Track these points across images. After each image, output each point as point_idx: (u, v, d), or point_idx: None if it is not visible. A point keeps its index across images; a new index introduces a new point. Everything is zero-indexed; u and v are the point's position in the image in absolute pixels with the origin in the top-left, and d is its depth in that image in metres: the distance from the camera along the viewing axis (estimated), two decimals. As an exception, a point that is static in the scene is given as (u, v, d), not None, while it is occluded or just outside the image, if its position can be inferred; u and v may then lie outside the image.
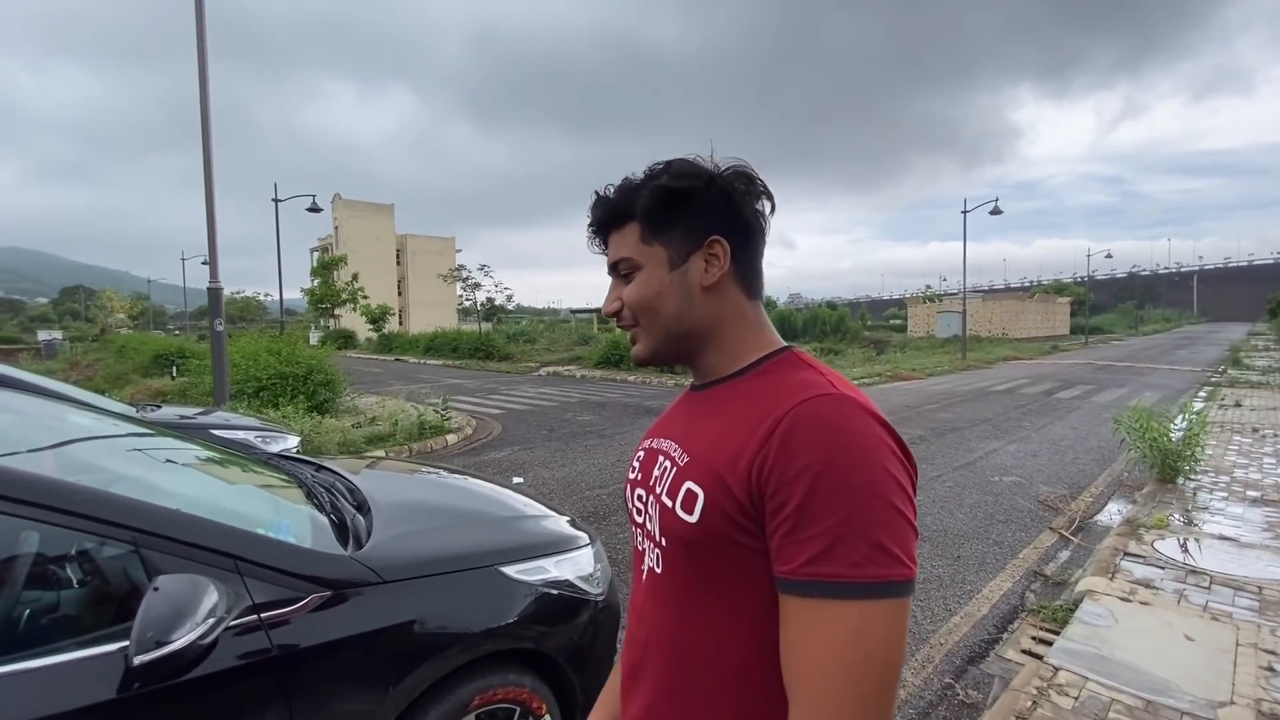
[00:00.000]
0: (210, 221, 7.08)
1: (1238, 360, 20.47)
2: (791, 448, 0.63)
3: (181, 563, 1.31)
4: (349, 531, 1.81)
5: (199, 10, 6.83)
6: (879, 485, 0.62)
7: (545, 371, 19.76)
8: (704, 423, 0.77)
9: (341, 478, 2.34)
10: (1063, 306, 52.29)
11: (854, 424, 0.64)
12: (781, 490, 0.63)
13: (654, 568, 0.78)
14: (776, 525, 0.64)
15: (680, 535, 0.72)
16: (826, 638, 0.59)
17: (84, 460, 1.83)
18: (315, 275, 38.17)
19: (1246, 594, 3.52)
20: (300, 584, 1.46)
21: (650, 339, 0.81)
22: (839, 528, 0.60)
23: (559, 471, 6.72)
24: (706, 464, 0.72)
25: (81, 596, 1.32)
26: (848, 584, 0.59)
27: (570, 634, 1.98)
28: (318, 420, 8.15)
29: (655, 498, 0.78)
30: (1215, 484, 5.91)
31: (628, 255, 0.79)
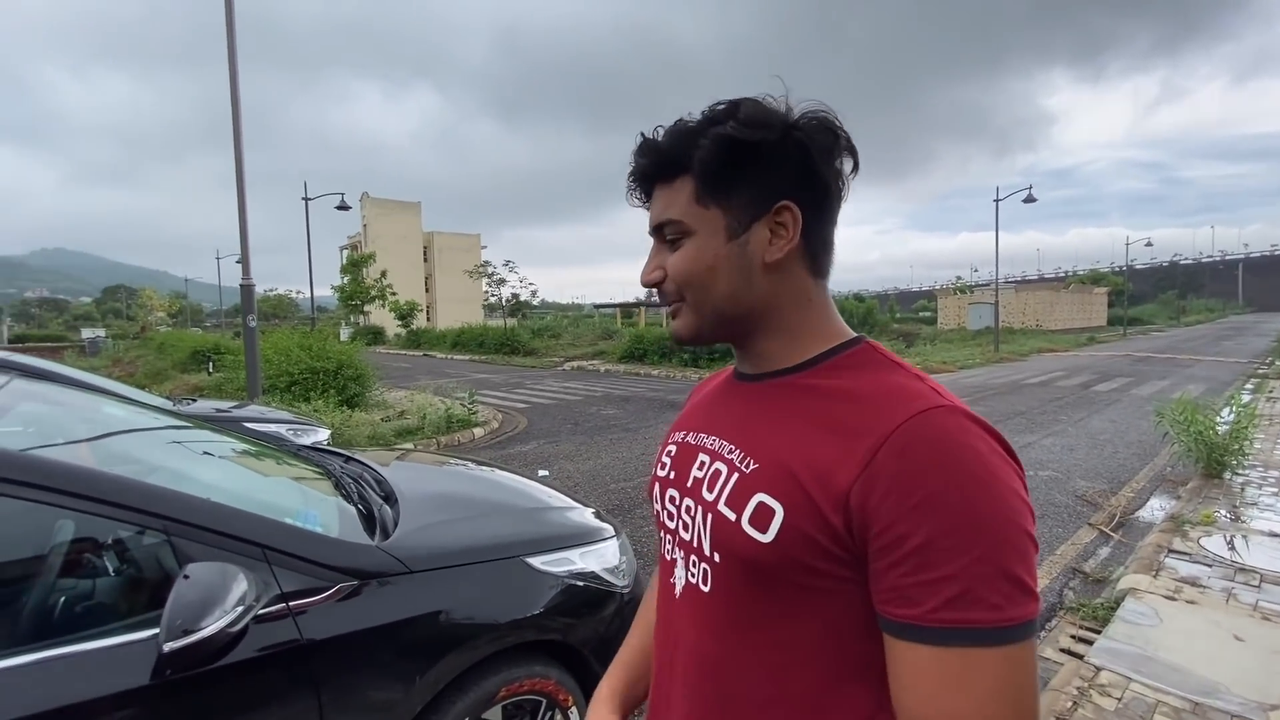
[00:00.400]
0: (242, 221, 7.24)
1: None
2: (910, 473, 0.54)
3: (212, 551, 1.32)
4: (376, 522, 1.81)
5: (229, 17, 6.96)
6: (1012, 513, 0.54)
7: (569, 366, 19.85)
8: (769, 423, 0.66)
9: (369, 469, 2.36)
10: (1100, 297, 50.74)
11: (977, 445, 0.55)
12: (900, 523, 0.54)
13: (697, 584, 0.68)
14: (892, 562, 0.54)
15: (745, 555, 0.61)
16: (972, 690, 0.52)
17: (121, 452, 1.87)
18: (345, 273, 38.87)
19: (1301, 594, 3.37)
20: (327, 573, 1.47)
21: (695, 318, 0.68)
22: (976, 566, 0.52)
23: (584, 465, 6.74)
24: (785, 476, 0.60)
25: (115, 584, 1.35)
26: (993, 630, 0.52)
27: (596, 626, 1.97)
28: (348, 414, 8.30)
29: (703, 505, 0.68)
30: (1265, 479, 5.66)
31: (676, 218, 0.66)
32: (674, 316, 0.71)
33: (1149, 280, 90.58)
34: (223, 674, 1.26)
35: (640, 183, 0.70)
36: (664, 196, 0.68)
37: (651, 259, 0.70)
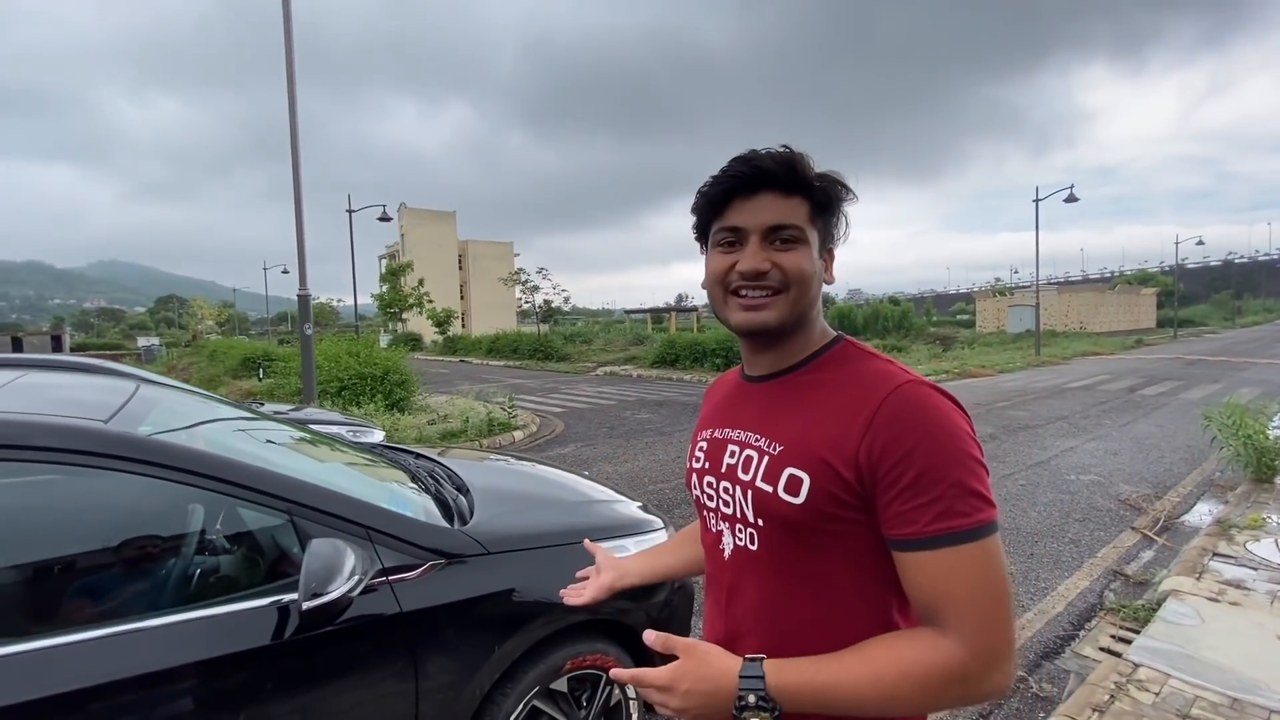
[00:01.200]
0: (299, 234, 7.65)
1: (1353, 353, 18.72)
2: (897, 432, 0.75)
3: (326, 530, 1.53)
4: (452, 509, 2.01)
5: (288, 39, 7.39)
6: (968, 448, 0.76)
7: (602, 371, 20.10)
8: (786, 414, 0.86)
9: (440, 464, 2.57)
10: (1148, 298, 48.98)
11: (938, 404, 0.78)
12: (896, 468, 0.75)
13: (745, 546, 0.88)
14: (893, 497, 0.75)
15: (783, 515, 0.82)
16: (971, 571, 0.73)
17: (237, 445, 2.11)
18: (384, 281, 40.00)
19: (1352, 597, 3.33)
20: (420, 552, 1.67)
21: (789, 309, 0.84)
22: (952, 489, 0.74)
23: (621, 467, 6.91)
24: (806, 451, 0.81)
25: (250, 556, 1.57)
26: (971, 530, 0.73)
27: (649, 609, 2.13)
28: (395, 417, 8.65)
29: (740, 484, 0.87)
30: (1321, 485, 5.52)
31: (800, 225, 0.83)
32: (759, 308, 0.84)
33: (1201, 280, 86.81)
34: (341, 635, 1.46)
35: (749, 183, 0.83)
36: (780, 205, 0.83)
37: (759, 252, 0.83)
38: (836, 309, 32.77)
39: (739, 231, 0.84)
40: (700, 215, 0.89)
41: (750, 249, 0.83)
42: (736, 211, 0.84)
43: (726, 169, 0.84)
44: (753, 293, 0.84)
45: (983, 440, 7.92)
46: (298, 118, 7.47)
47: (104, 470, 1.32)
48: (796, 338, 0.88)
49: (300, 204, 7.58)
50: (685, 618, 2.32)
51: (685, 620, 2.33)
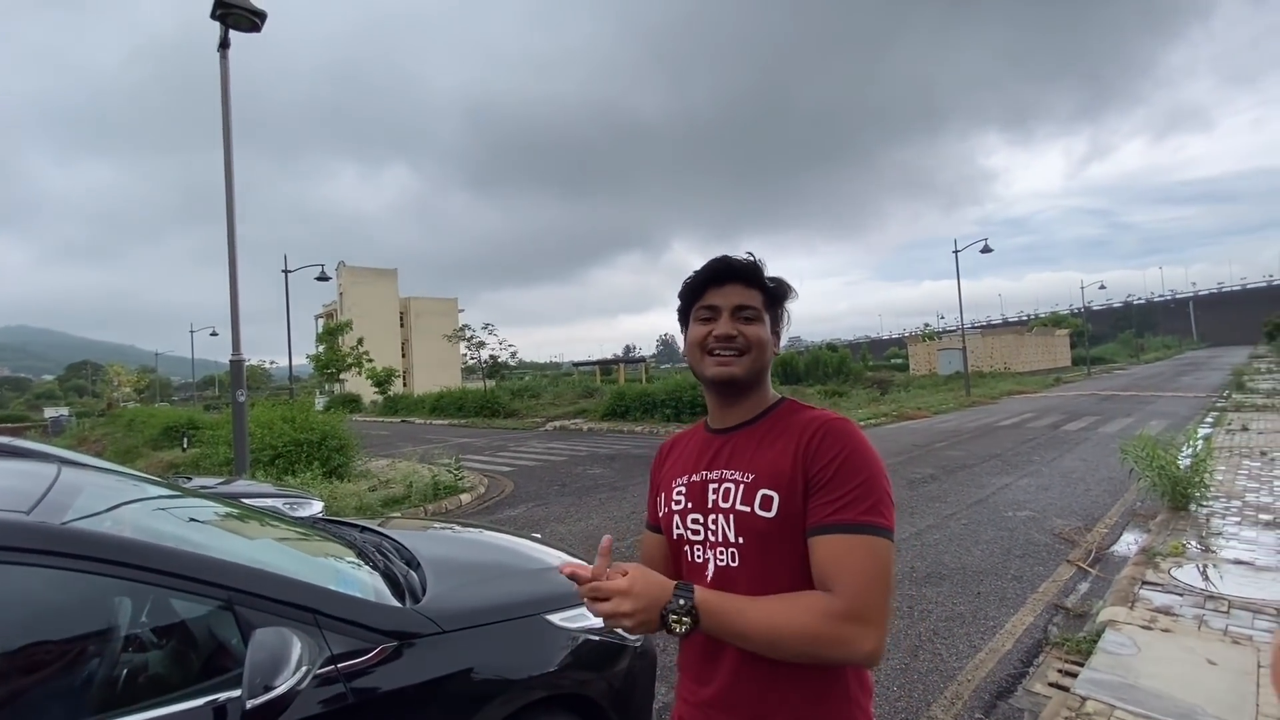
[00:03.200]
0: (233, 297, 7.38)
1: (1241, 384, 20.52)
2: (825, 444, 1.02)
3: (269, 618, 1.45)
4: (403, 586, 1.93)
5: (225, 107, 7.32)
6: (879, 469, 1.01)
7: (552, 426, 19.84)
8: (754, 452, 1.09)
9: (387, 537, 2.47)
10: (1062, 339, 52.60)
11: (856, 431, 1.04)
12: (822, 471, 1.00)
13: (727, 565, 1.06)
14: (815, 492, 1.00)
15: (760, 529, 1.02)
16: (859, 553, 0.95)
17: (144, 524, 1.97)
18: (321, 341, 38.70)
19: (1265, 616, 3.57)
20: (371, 635, 1.59)
21: (750, 366, 1.10)
22: (858, 489, 0.98)
23: (575, 526, 6.77)
24: (773, 475, 1.04)
25: (186, 651, 1.45)
26: (866, 524, 0.96)
27: (611, 679, 2.08)
28: (334, 485, 8.24)
29: (722, 512, 1.07)
30: (1228, 509, 5.95)
31: (758, 307, 1.12)
32: (727, 364, 1.10)
33: (1106, 320, 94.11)
34: (285, 732, 1.36)
35: (727, 275, 1.12)
36: (743, 292, 1.12)
37: (728, 322, 1.10)
38: (780, 357, 33.69)
39: (714, 309, 1.12)
40: (684, 299, 1.17)
41: (723, 320, 1.11)
42: (712, 295, 1.12)
43: (707, 265, 1.14)
44: (723, 352, 1.10)
45: (923, 481, 8.23)
46: (234, 179, 7.33)
47: (25, 566, 1.22)
48: (755, 393, 1.14)
49: (234, 266, 7.35)
50: (648, 685, 2.26)
51: (649, 687, 2.27)
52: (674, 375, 24.99)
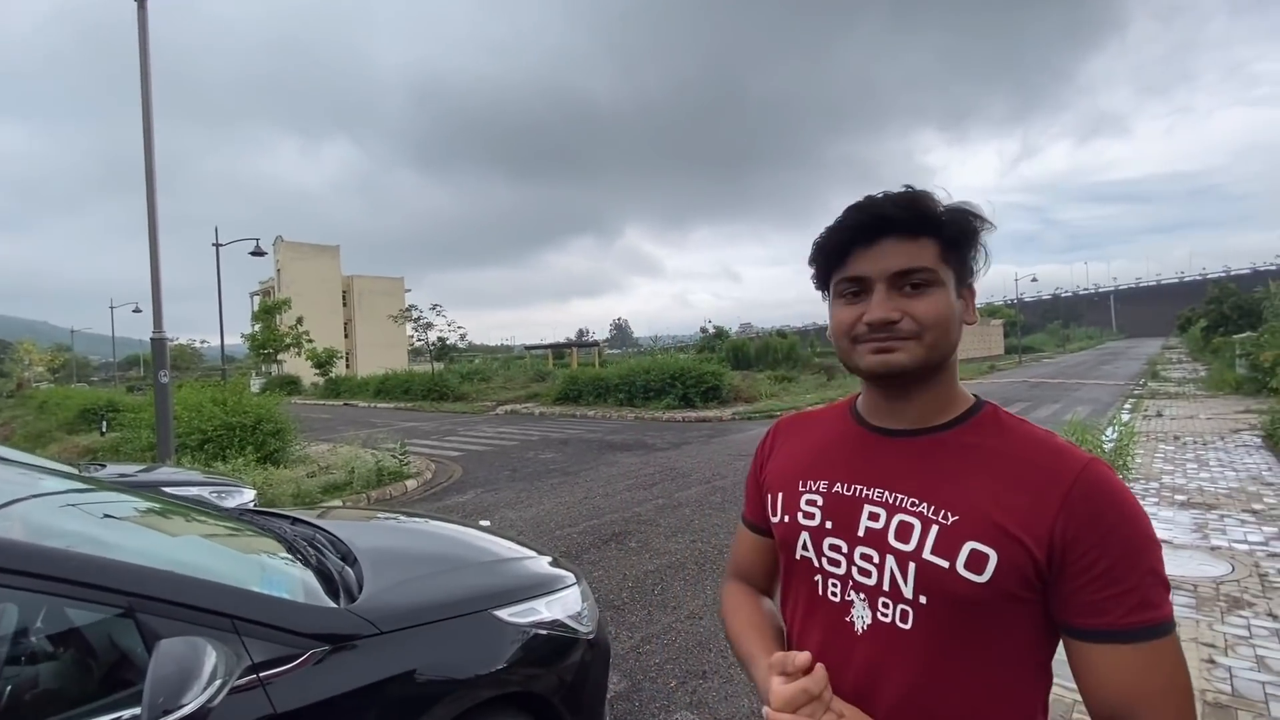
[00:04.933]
0: (154, 270, 6.85)
1: (1155, 373, 21.97)
2: (1095, 512, 0.71)
3: (179, 626, 1.29)
4: (338, 584, 1.79)
5: (143, 60, 6.73)
6: (1154, 534, 0.72)
7: (502, 410, 19.50)
8: (953, 479, 0.77)
9: (321, 529, 2.30)
10: (997, 328, 55.12)
11: (1124, 487, 0.74)
12: (1091, 551, 0.70)
13: (892, 623, 0.78)
14: (1085, 582, 0.70)
15: (960, 595, 0.73)
16: (1163, 669, 0.69)
17: (43, 523, 1.76)
18: (257, 320, 36.82)
19: (1184, 593, 3.78)
20: (299, 640, 1.45)
21: (924, 353, 0.78)
22: (1146, 578, 0.70)
23: (526, 512, 6.64)
24: (989, 525, 0.73)
25: (79, 667, 1.28)
26: (1164, 624, 0.70)
27: (562, 674, 2.00)
28: (269, 471, 7.84)
29: (895, 553, 0.78)
30: (1147, 490, 6.31)
31: (931, 266, 0.77)
32: (890, 350, 0.78)
33: (1037, 312, 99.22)
34: (196, 754, 1.22)
35: (867, 232, 0.78)
36: (905, 249, 0.78)
37: (886, 301, 0.78)
38: (731, 342, 34.06)
39: (862, 281, 0.79)
40: (818, 267, 0.85)
41: (877, 298, 0.78)
42: (857, 261, 0.79)
43: (842, 219, 0.80)
44: (885, 340, 0.78)
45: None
46: (154, 142, 6.77)
47: None
48: (940, 388, 0.82)
49: (155, 236, 6.81)
50: (601, 676, 2.19)
51: (601, 678, 2.20)
52: (627, 359, 24.94)
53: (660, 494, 7.19)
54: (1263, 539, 4.70)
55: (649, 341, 53.22)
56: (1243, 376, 14.79)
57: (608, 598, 4.21)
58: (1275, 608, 3.52)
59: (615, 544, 5.39)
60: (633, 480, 8.02)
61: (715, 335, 38.09)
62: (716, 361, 20.33)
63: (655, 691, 3.06)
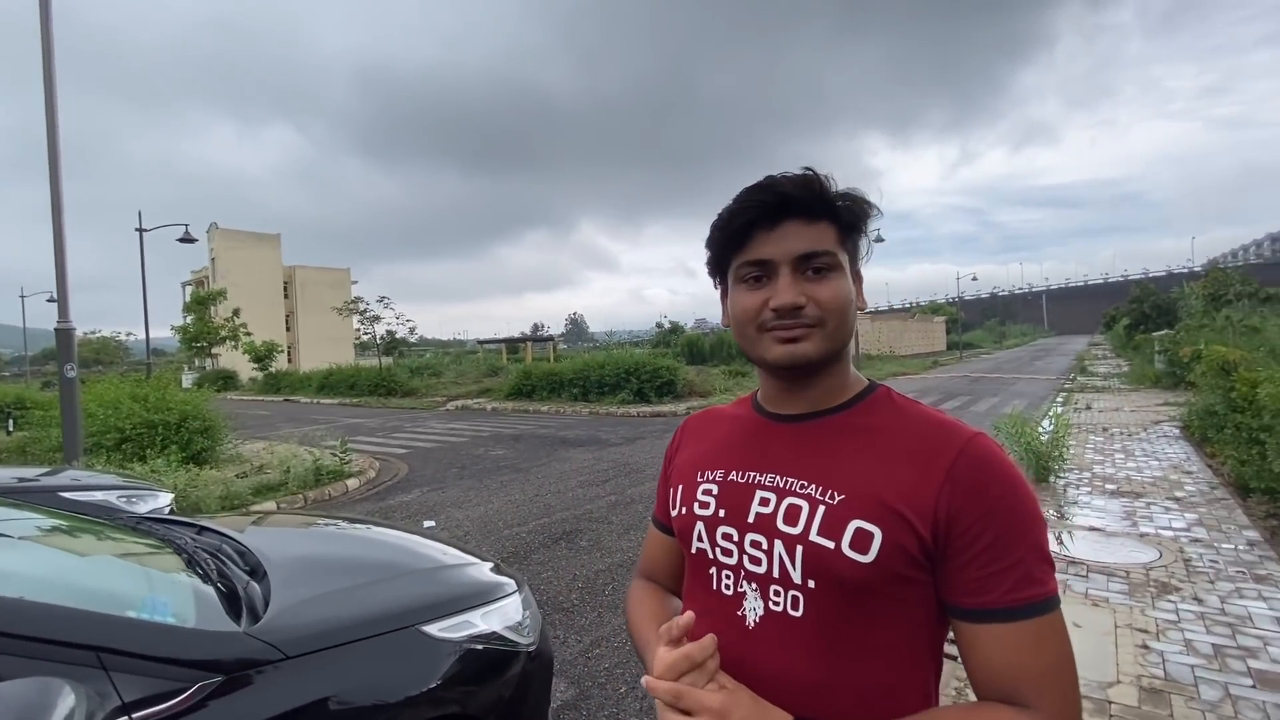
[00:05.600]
0: (59, 258, 6.27)
1: (1084, 368, 23.15)
2: (979, 486, 0.69)
3: (27, 666, 1.09)
4: (242, 602, 1.59)
5: (45, 37, 6.16)
6: (1038, 509, 0.71)
7: (453, 406, 19.01)
8: (840, 459, 0.76)
9: (229, 539, 2.08)
10: (939, 325, 57.22)
11: (1010, 461, 0.73)
12: (975, 526, 0.68)
13: (784, 611, 0.75)
14: (969, 559, 0.68)
15: (845, 576, 0.71)
16: (1048, 649, 0.67)
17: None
18: (189, 311, 34.89)
19: (1118, 579, 3.91)
20: (183, 672, 1.26)
21: (829, 343, 0.76)
22: (1030, 554, 0.68)
23: (473, 511, 6.41)
24: (876, 502, 0.71)
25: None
26: (1047, 600, 0.68)
27: (500, 689, 1.85)
28: (195, 472, 7.34)
29: (784, 538, 0.75)
30: (1080, 480, 6.57)
31: (832, 250, 0.76)
32: (794, 340, 0.75)
33: (976, 309, 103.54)
34: (43, 817, 1.02)
35: (770, 213, 0.75)
36: (806, 232, 0.75)
37: (792, 285, 0.75)
38: (685, 337, 34.22)
39: (766, 264, 0.76)
40: (716, 250, 0.81)
41: (783, 282, 0.75)
42: (761, 243, 0.76)
43: (743, 198, 0.77)
44: (789, 327, 0.76)
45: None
46: (57, 119, 6.19)
47: None
48: (836, 374, 0.81)
49: (60, 219, 6.23)
50: (544, 688, 2.06)
51: (544, 690, 2.07)
52: (582, 354, 24.70)
53: (613, 490, 7.07)
54: (1185, 525, 4.92)
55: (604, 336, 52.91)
56: (1161, 371, 15.68)
57: (556, 600, 4.07)
58: (1200, 592, 3.67)
59: (565, 543, 5.24)
60: (585, 476, 7.87)
61: (670, 331, 38.20)
62: (671, 357, 20.35)
63: (604, 699, 2.94)
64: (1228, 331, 12.46)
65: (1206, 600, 3.55)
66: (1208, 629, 3.22)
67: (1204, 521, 4.99)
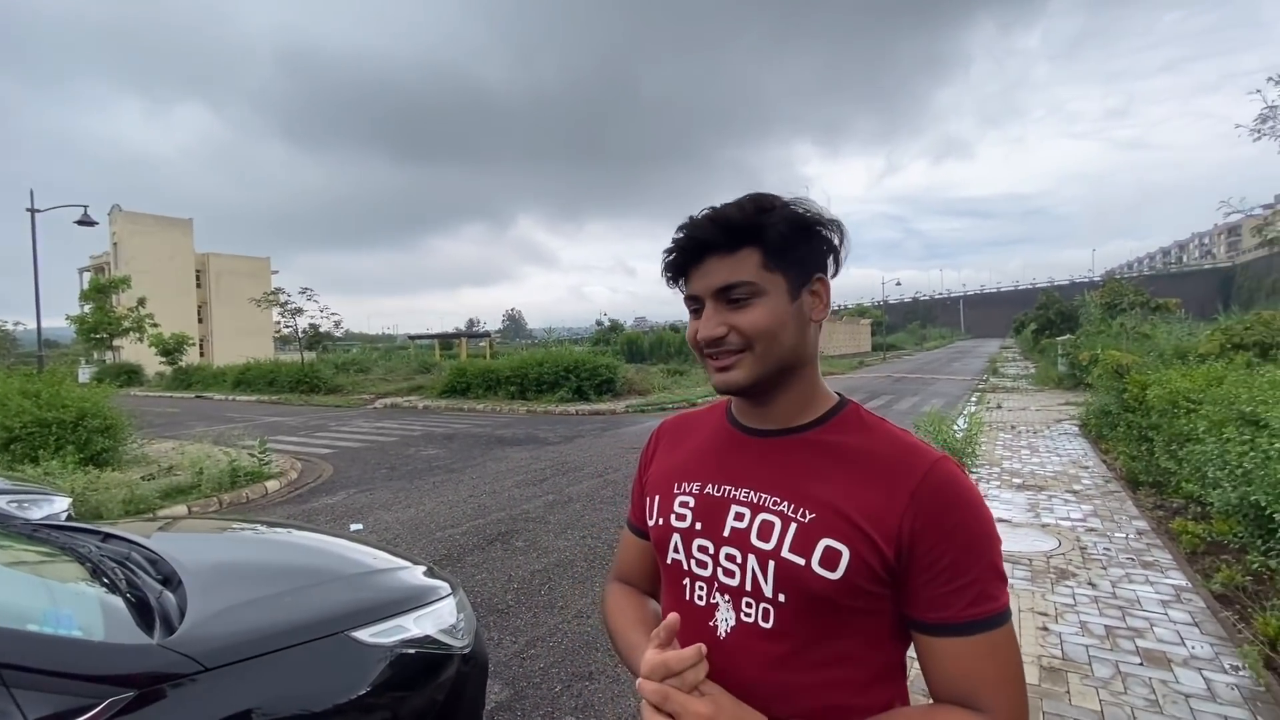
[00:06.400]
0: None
1: (996, 370, 24.76)
2: (941, 509, 0.73)
3: (-94, 687, 1.00)
4: (154, 613, 1.50)
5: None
6: (994, 533, 0.76)
7: (382, 404, 18.33)
8: (811, 477, 0.79)
9: (138, 546, 1.95)
10: (865, 327, 59.77)
11: (971, 484, 0.77)
12: (936, 547, 0.72)
13: (754, 623, 0.78)
14: (930, 578, 0.73)
15: (814, 591, 0.74)
16: (1000, 659, 0.72)
17: None
18: (87, 299, 32.09)
19: (1022, 566, 4.22)
20: (91, 688, 1.18)
21: (758, 366, 0.79)
22: (985, 573, 0.73)
23: (403, 514, 6.22)
24: (844, 521, 0.75)
25: None
26: (999, 615, 0.73)
27: (434, 694, 1.82)
28: (94, 475, 6.78)
29: (756, 553, 0.78)
30: (990, 474, 7.04)
31: (749, 279, 0.77)
32: (723, 369, 0.80)
33: (900, 313, 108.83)
34: None
35: (693, 253, 0.80)
36: (725, 265, 0.78)
37: (712, 317, 0.79)
38: (625, 336, 34.31)
39: (697, 299, 0.81)
40: (668, 283, 0.86)
41: (706, 314, 0.80)
42: (692, 279, 0.81)
43: (673, 240, 0.81)
44: (720, 356, 0.80)
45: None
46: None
47: None
48: (799, 390, 0.83)
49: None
50: (478, 691, 2.04)
51: (479, 694, 2.04)
52: (520, 351, 24.33)
53: (550, 489, 7.02)
54: (1082, 516, 5.37)
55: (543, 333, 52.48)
56: (1064, 373, 16.99)
57: (491, 601, 4.01)
58: (1094, 578, 4.02)
59: (501, 544, 5.18)
60: (522, 476, 7.78)
61: (610, 329, 38.19)
62: (611, 355, 20.35)
63: (540, 698, 2.93)
64: (1122, 337, 13.60)
65: (1100, 585, 3.89)
66: (1101, 611, 3.53)
67: (1099, 512, 5.45)
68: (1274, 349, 8.07)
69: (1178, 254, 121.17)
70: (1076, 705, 2.65)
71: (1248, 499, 3.97)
